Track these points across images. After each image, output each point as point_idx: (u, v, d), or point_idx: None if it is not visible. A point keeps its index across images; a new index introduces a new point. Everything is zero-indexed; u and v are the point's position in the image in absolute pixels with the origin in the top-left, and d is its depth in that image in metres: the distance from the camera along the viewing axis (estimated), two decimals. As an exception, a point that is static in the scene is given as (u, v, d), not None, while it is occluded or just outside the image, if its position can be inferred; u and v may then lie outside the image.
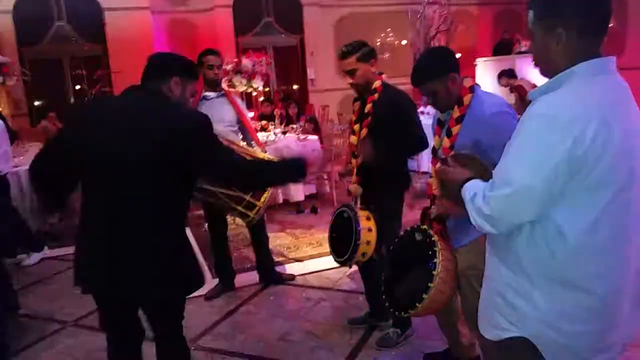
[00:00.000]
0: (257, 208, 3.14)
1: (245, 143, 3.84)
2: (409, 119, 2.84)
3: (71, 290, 4.14)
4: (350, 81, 2.87)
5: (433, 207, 2.25)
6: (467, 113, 2.19)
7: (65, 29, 9.73)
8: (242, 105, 4.03)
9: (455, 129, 2.21)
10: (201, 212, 4.72)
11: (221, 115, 3.68)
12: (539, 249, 1.36)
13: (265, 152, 3.97)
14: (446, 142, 2.25)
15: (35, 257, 4.96)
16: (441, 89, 2.21)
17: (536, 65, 1.46)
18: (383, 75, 2.94)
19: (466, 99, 2.21)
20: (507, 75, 7.25)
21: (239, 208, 3.15)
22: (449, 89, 2.21)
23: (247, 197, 3.11)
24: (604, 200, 1.29)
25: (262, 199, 3.14)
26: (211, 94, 3.79)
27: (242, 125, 3.93)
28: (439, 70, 2.21)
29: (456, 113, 2.22)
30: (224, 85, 7.18)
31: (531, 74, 7.12)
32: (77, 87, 9.64)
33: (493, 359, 1.58)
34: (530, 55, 1.51)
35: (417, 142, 2.84)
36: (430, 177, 2.37)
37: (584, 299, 1.35)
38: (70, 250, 4.87)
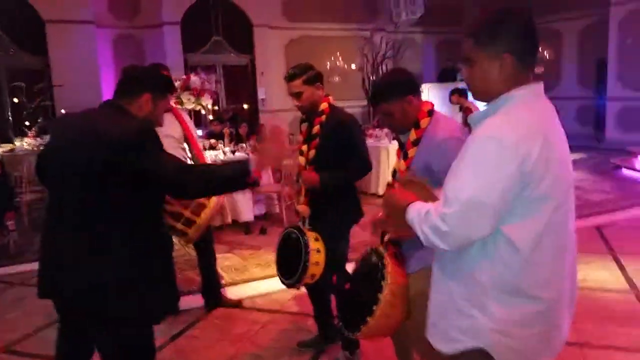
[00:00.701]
0: (195, 225, 3.07)
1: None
2: (356, 141, 2.89)
3: (2, 314, 3.95)
4: (297, 103, 2.91)
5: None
6: (423, 136, 2.23)
7: (2, 38, 9.28)
8: (189, 122, 3.96)
9: (411, 152, 2.24)
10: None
11: (168, 131, 3.61)
12: (493, 261, 1.43)
13: None
14: (402, 164, 2.27)
15: None
16: (397, 111, 2.24)
17: (472, 90, 1.54)
18: (330, 97, 2.98)
19: (423, 122, 2.24)
20: (458, 94, 7.48)
21: (178, 225, 3.08)
22: (405, 111, 2.24)
23: (186, 213, 3.04)
24: (549, 212, 1.39)
25: (202, 215, 3.08)
26: None
27: (188, 143, 3.86)
28: (397, 91, 2.24)
29: (413, 136, 2.25)
30: (171, 101, 7.03)
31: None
32: (15, 100, 9.18)
33: None
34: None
35: (362, 165, 2.89)
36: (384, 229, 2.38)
37: (533, 305, 1.44)
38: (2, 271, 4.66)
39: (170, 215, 3.03)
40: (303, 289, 3.24)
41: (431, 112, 2.27)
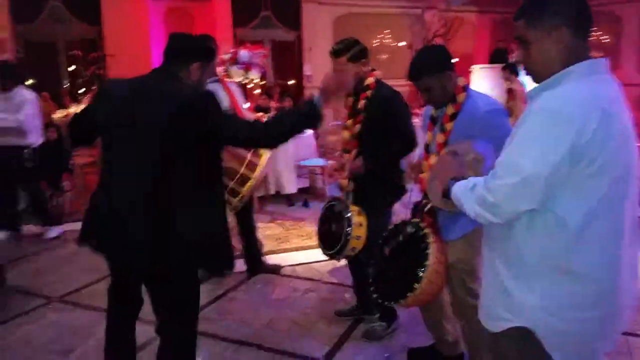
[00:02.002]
0: (240, 195, 3.17)
1: None
2: (401, 117, 2.86)
3: (57, 267, 4.19)
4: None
5: (425, 200, 2.28)
6: (461, 110, 2.24)
7: (60, 9, 9.62)
8: (237, 94, 4.00)
9: (449, 125, 2.26)
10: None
11: None
12: (540, 238, 1.39)
13: None
14: (440, 137, 2.28)
15: (56, 230, 5.01)
16: (436, 86, 2.25)
17: (530, 72, 1.49)
18: (376, 72, 2.95)
19: (460, 97, 2.26)
20: (510, 70, 7.32)
21: (232, 184, 3.20)
22: (444, 86, 2.25)
23: (231, 184, 3.14)
24: (604, 189, 1.34)
25: (246, 187, 3.17)
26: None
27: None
28: (436, 66, 2.25)
29: (450, 110, 2.26)
30: (220, 73, 7.10)
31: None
32: (72, 68, 9.53)
33: (493, 351, 1.59)
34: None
35: (407, 143, 2.86)
36: (423, 172, 2.40)
37: (583, 286, 1.38)
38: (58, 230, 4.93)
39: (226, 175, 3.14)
40: (343, 262, 3.29)
41: (466, 88, 2.29)
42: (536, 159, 1.32)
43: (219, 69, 5.75)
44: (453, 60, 2.34)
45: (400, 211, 2.96)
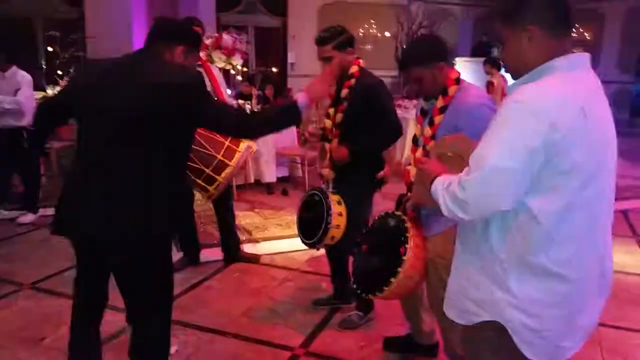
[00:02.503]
0: (216, 183, 3.12)
1: None
2: (385, 106, 2.84)
3: (30, 253, 4.11)
4: (327, 69, 2.85)
5: (409, 194, 2.27)
6: (451, 103, 2.21)
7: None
8: (220, 78, 3.96)
9: (437, 119, 2.22)
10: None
11: None
12: (512, 235, 1.38)
13: None
14: (428, 131, 2.26)
15: (31, 215, 4.93)
16: (427, 76, 2.22)
17: (508, 68, 1.49)
18: (360, 60, 2.92)
19: (451, 89, 2.22)
20: (491, 63, 7.38)
21: (199, 181, 3.14)
22: (435, 77, 2.22)
23: (208, 170, 3.10)
24: (576, 186, 1.32)
25: (223, 174, 3.12)
26: None
27: (217, 98, 3.86)
28: (428, 57, 2.21)
29: (440, 103, 2.23)
30: (202, 56, 6.98)
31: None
32: (49, 49, 9.30)
33: (465, 343, 1.60)
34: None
35: (393, 130, 2.86)
36: (409, 164, 2.39)
37: (557, 285, 1.37)
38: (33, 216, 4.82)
39: (192, 171, 3.08)
40: (321, 251, 3.28)
41: (458, 80, 2.25)
42: (503, 153, 1.29)
43: (202, 54, 5.66)
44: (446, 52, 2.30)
45: (379, 202, 2.96)
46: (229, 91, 3.99)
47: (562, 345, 1.43)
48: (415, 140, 2.39)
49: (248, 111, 3.04)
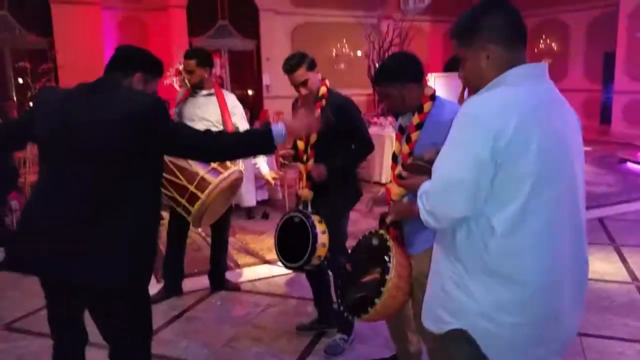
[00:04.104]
0: (199, 202, 3.07)
1: None
2: (357, 123, 2.95)
3: (2, 292, 3.97)
4: (304, 92, 2.87)
5: (389, 210, 2.27)
6: (427, 119, 2.24)
7: (7, 19, 9.25)
8: (233, 107, 3.68)
9: (414, 135, 2.25)
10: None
11: (204, 115, 3.56)
12: (474, 242, 1.42)
13: None
14: (405, 148, 2.28)
15: (2, 251, 4.73)
16: (395, 95, 2.26)
17: (469, 85, 1.55)
18: (326, 81, 2.96)
19: (426, 106, 2.25)
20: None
21: (182, 200, 3.09)
22: (404, 96, 2.25)
23: (191, 188, 3.05)
24: (526, 193, 1.35)
25: (206, 191, 3.07)
26: (200, 92, 3.61)
27: (224, 127, 3.65)
28: (398, 77, 2.25)
29: (416, 120, 2.26)
30: (176, 86, 7.01)
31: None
32: (20, 80, 9.17)
33: (437, 353, 1.62)
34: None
35: (366, 144, 2.95)
36: (389, 182, 2.39)
37: (518, 291, 1.40)
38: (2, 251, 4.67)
39: (174, 189, 3.05)
40: (302, 274, 3.25)
41: (434, 97, 2.28)
42: (456, 164, 1.38)
43: (175, 79, 5.63)
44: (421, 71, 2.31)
45: (359, 222, 2.95)
46: (242, 120, 3.71)
47: (532, 352, 1.45)
48: (394, 157, 2.40)
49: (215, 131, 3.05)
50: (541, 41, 12.61)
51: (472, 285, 1.43)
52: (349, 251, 2.51)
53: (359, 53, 11.95)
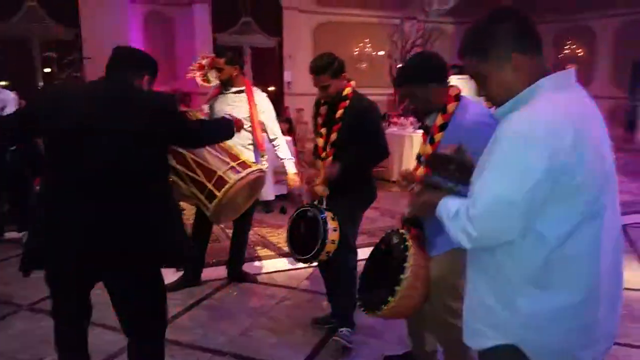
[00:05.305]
0: (216, 199, 3.11)
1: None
2: (376, 128, 2.97)
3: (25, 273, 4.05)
4: (323, 95, 2.94)
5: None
6: (451, 120, 2.21)
7: (36, 10, 9.42)
8: (263, 106, 3.81)
9: (437, 136, 2.23)
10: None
11: (233, 112, 3.55)
12: (521, 256, 1.38)
13: (263, 156, 3.94)
14: (428, 149, 2.26)
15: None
16: (417, 96, 2.25)
17: (494, 101, 1.48)
18: (352, 82, 2.99)
19: (450, 107, 2.23)
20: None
21: (202, 198, 3.14)
22: (426, 97, 2.24)
23: (209, 186, 3.09)
24: (582, 204, 1.33)
25: (223, 189, 3.11)
26: (230, 89, 3.77)
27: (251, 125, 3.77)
28: (420, 77, 2.24)
29: (439, 120, 2.23)
30: (199, 80, 7.06)
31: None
32: (47, 70, 9.35)
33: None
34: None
35: (381, 152, 2.97)
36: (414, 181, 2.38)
37: (569, 298, 1.37)
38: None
39: (194, 185, 3.09)
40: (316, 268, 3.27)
41: (458, 97, 2.26)
42: (511, 188, 1.30)
43: (198, 74, 5.69)
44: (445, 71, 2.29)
45: (378, 220, 2.96)
46: (269, 120, 3.78)
47: (577, 355, 1.42)
48: (418, 157, 2.40)
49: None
50: (566, 47, 12.47)
51: (518, 299, 1.38)
52: (371, 249, 2.50)
53: (381, 53, 11.92)
